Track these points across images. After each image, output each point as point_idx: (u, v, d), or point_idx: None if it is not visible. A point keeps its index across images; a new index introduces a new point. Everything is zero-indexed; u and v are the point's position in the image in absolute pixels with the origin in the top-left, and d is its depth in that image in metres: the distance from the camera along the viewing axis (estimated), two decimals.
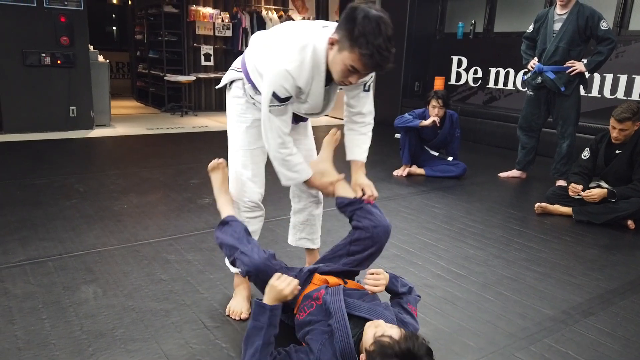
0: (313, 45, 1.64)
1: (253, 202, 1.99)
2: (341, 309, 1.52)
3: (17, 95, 5.70)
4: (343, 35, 1.55)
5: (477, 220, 3.34)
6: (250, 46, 1.89)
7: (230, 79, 1.94)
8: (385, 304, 1.65)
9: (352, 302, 1.58)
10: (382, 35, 1.50)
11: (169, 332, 1.87)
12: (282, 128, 1.75)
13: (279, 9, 9.08)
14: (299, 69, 1.62)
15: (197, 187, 3.88)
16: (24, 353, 1.70)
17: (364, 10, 1.51)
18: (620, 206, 3.23)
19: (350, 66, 1.58)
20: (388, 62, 1.55)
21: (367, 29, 1.49)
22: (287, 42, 1.68)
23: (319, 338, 1.51)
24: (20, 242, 2.64)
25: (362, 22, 1.50)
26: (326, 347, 1.47)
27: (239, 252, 1.76)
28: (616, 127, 3.27)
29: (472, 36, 6.84)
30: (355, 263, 1.83)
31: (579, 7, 3.91)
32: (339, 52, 1.58)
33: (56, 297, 2.09)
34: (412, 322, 1.66)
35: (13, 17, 5.48)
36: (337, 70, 1.63)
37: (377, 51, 1.51)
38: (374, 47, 1.50)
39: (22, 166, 4.33)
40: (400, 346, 1.28)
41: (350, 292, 1.67)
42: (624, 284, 2.46)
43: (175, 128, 6.83)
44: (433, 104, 4.28)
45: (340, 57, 1.58)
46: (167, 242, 2.74)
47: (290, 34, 1.72)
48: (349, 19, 1.53)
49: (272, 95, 1.65)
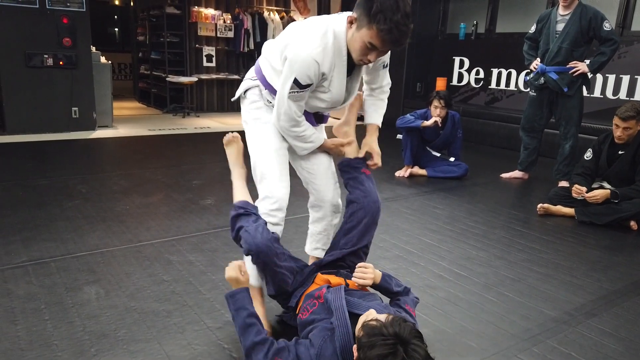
0: (333, 30, 1.67)
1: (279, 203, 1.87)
2: (342, 307, 1.53)
3: (20, 96, 5.72)
4: (361, 13, 1.58)
5: (479, 221, 3.33)
6: (263, 53, 1.90)
7: (244, 88, 1.95)
8: (385, 304, 1.65)
9: (352, 301, 1.58)
10: (401, 11, 1.53)
11: (171, 333, 1.87)
12: (297, 111, 1.78)
13: (280, 10, 9.09)
14: (322, 54, 1.65)
15: (199, 188, 3.88)
16: (26, 354, 1.71)
17: None
18: (623, 207, 3.23)
19: (368, 43, 1.60)
20: (406, 37, 1.58)
21: (385, 5, 1.52)
22: (307, 31, 1.70)
23: (322, 334, 1.51)
24: (23, 243, 2.65)
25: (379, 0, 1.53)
26: (327, 344, 1.47)
27: (243, 230, 1.76)
28: (620, 125, 3.26)
29: (474, 37, 6.84)
30: (353, 241, 1.87)
31: (582, 7, 3.90)
32: (358, 30, 1.61)
33: (59, 297, 2.10)
34: (410, 321, 1.63)
35: (16, 18, 5.51)
36: (356, 48, 1.65)
37: (395, 26, 1.53)
38: (392, 23, 1.52)
39: (24, 167, 4.34)
40: (387, 329, 1.28)
41: (351, 291, 1.67)
42: (626, 285, 2.46)
43: (177, 129, 6.84)
44: (435, 104, 4.28)
45: (359, 34, 1.61)
46: (170, 243, 2.75)
47: (308, 25, 1.74)
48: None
49: (293, 82, 1.67)
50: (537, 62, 4.14)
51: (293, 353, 1.51)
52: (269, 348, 1.53)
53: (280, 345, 1.55)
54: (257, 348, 1.55)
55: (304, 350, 1.50)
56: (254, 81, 1.91)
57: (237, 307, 1.62)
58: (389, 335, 1.28)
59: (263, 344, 1.54)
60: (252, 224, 1.77)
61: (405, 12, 1.54)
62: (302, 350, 1.50)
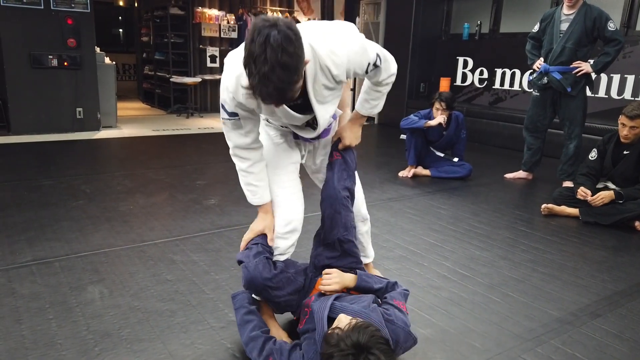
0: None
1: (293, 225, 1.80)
2: (322, 319, 1.48)
3: (25, 97, 5.75)
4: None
5: (483, 222, 3.32)
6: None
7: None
8: (374, 306, 1.57)
9: (339, 306, 1.53)
10: (268, 62, 1.26)
11: (174, 333, 1.87)
12: (237, 141, 1.65)
13: (284, 11, 9.10)
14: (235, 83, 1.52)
15: (203, 188, 3.89)
16: (30, 352, 1.72)
17: (260, 31, 1.28)
18: (628, 207, 3.21)
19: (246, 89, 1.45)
20: (279, 95, 1.34)
21: (252, 56, 1.29)
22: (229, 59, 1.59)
23: (312, 347, 1.50)
24: (28, 243, 2.66)
25: (249, 47, 1.30)
26: (317, 356, 1.46)
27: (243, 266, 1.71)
28: (627, 124, 3.24)
29: (477, 37, 6.83)
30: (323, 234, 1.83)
31: (586, 7, 3.89)
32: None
33: (63, 297, 2.10)
34: (401, 318, 1.54)
35: (21, 19, 5.54)
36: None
37: (258, 82, 1.30)
38: (256, 77, 1.30)
39: (29, 167, 4.36)
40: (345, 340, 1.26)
41: (343, 296, 1.64)
42: (631, 286, 2.44)
43: (181, 129, 6.86)
44: (436, 106, 4.27)
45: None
46: (173, 243, 2.75)
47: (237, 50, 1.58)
48: (246, 41, 1.34)
49: (221, 107, 1.59)
50: (540, 62, 4.12)
51: (285, 357, 1.52)
52: (264, 345, 1.55)
53: (276, 346, 1.55)
54: (250, 344, 1.58)
55: (296, 357, 1.51)
56: None
57: (237, 306, 1.69)
58: (347, 346, 1.25)
59: (256, 340, 1.57)
60: (251, 260, 1.68)
61: (277, 63, 1.27)
62: (294, 356, 1.52)
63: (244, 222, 3.10)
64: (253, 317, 1.65)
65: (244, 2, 8.75)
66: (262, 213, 1.81)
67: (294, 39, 1.30)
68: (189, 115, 8.14)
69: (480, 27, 6.78)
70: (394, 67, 1.80)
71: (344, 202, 1.80)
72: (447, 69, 7.08)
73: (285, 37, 1.28)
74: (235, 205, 3.46)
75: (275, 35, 1.27)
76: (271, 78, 1.28)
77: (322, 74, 1.53)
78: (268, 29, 1.28)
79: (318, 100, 1.58)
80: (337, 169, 1.84)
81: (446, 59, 7.16)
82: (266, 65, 1.27)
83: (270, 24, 1.29)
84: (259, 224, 1.79)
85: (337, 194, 1.79)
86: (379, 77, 1.76)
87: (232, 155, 1.74)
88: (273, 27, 1.28)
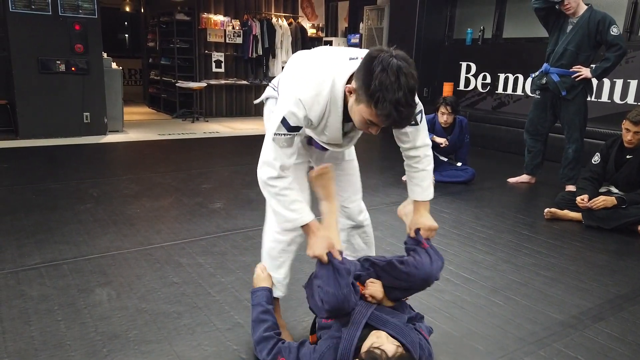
0: (332, 79, 1.51)
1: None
2: (359, 323, 1.49)
3: (33, 101, 5.82)
4: (360, 87, 1.40)
5: (486, 225, 3.34)
6: (286, 66, 1.77)
7: (266, 96, 1.87)
8: (409, 325, 1.58)
9: (379, 317, 1.54)
10: (402, 88, 1.34)
11: (181, 334, 1.90)
12: (285, 161, 1.57)
13: (289, 16, 9.16)
14: (312, 100, 1.51)
15: (209, 191, 3.93)
16: (40, 354, 1.75)
17: (383, 61, 1.35)
18: (630, 211, 3.22)
19: (368, 120, 1.45)
20: (409, 119, 1.43)
21: (384, 83, 1.34)
22: (307, 72, 1.57)
23: (328, 342, 1.53)
24: (36, 245, 2.70)
25: (379, 76, 1.35)
26: (330, 351, 1.48)
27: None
28: (631, 129, 3.25)
29: (480, 42, 6.85)
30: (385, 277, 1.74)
31: (591, 11, 3.90)
32: (357, 103, 1.44)
33: (71, 299, 2.14)
34: (428, 348, 1.57)
35: (29, 25, 5.61)
36: (355, 119, 1.50)
37: (394, 109, 1.35)
38: (392, 105, 1.35)
39: (37, 171, 4.42)
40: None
41: (382, 307, 1.63)
42: (634, 290, 2.45)
43: (186, 134, 6.91)
44: (442, 110, 4.30)
45: (358, 109, 1.45)
46: (179, 246, 2.78)
47: (314, 64, 1.59)
48: (367, 71, 1.38)
49: (281, 121, 1.52)
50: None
51: (294, 354, 1.54)
52: (274, 346, 1.57)
53: (285, 344, 1.58)
54: (262, 343, 1.60)
55: (306, 353, 1.53)
56: (274, 91, 1.81)
57: (255, 302, 1.70)
58: None
59: (268, 341, 1.59)
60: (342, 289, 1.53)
61: (408, 88, 1.35)
62: (304, 352, 1.53)
63: (249, 225, 3.13)
64: (269, 318, 1.67)
65: (249, 7, 8.82)
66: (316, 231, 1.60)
67: (413, 64, 1.41)
68: (194, 119, 8.19)
69: (483, 32, 6.80)
70: (429, 139, 1.78)
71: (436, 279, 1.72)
72: (450, 73, 7.10)
73: (409, 63, 1.38)
74: (241, 208, 3.49)
75: (401, 63, 1.36)
76: (407, 103, 1.37)
77: None
78: (390, 57, 1.36)
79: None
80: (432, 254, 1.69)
81: (449, 63, 7.18)
82: (400, 92, 1.34)
83: (388, 53, 1.38)
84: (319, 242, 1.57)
85: (429, 283, 1.68)
86: (417, 139, 1.70)
87: (270, 180, 1.57)
88: (392, 56, 1.37)
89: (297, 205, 1.59)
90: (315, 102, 1.51)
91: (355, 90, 1.44)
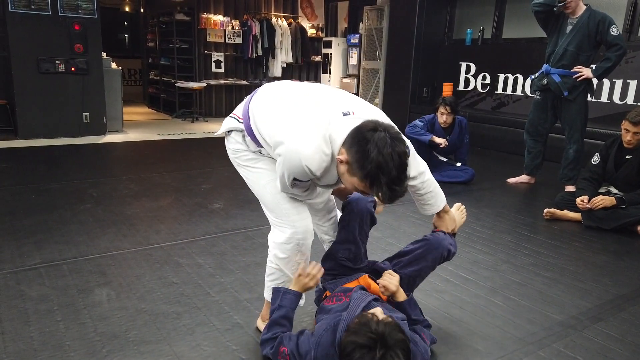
0: (329, 137, 1.51)
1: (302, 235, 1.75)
2: (358, 307, 1.55)
3: (32, 101, 5.82)
4: (354, 162, 1.44)
5: (486, 226, 3.34)
6: (258, 99, 1.70)
7: (229, 128, 1.79)
8: (405, 323, 1.63)
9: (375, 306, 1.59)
10: (396, 166, 1.40)
11: (180, 335, 1.90)
12: (298, 194, 1.70)
13: (288, 17, 9.16)
14: (318, 162, 1.50)
15: (208, 191, 3.93)
16: (39, 354, 1.74)
17: (378, 143, 1.39)
18: (630, 212, 3.22)
19: (362, 188, 1.50)
20: (400, 196, 1.47)
21: (378, 162, 1.39)
22: (306, 132, 1.51)
23: (325, 324, 1.55)
24: (36, 246, 2.70)
25: (375, 160, 1.39)
26: (328, 333, 1.51)
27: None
28: (630, 130, 3.25)
29: (480, 42, 6.85)
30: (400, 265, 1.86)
31: (590, 12, 3.90)
32: (350, 175, 1.48)
33: (70, 299, 2.14)
34: (423, 345, 1.62)
35: (28, 25, 5.61)
36: (346, 184, 1.55)
37: (389, 189, 1.42)
38: (386, 186, 1.41)
39: (37, 171, 4.42)
40: (378, 325, 1.30)
41: (381, 302, 1.69)
42: (633, 290, 2.45)
43: (186, 134, 6.91)
44: (441, 110, 4.31)
45: (351, 180, 1.48)
46: (179, 246, 2.78)
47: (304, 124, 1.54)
48: (361, 150, 1.41)
49: (292, 179, 1.58)
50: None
51: (294, 341, 1.57)
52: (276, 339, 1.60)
53: (285, 334, 1.61)
54: (270, 343, 1.63)
55: (304, 339, 1.55)
56: (239, 123, 1.74)
57: (283, 304, 1.68)
58: (376, 332, 1.30)
59: (274, 340, 1.60)
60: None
61: (401, 168, 1.41)
62: (302, 339, 1.56)
63: (248, 226, 3.13)
64: (286, 324, 1.66)
65: (249, 7, 8.82)
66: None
67: (403, 140, 1.47)
68: (194, 119, 8.19)
69: (483, 32, 6.80)
70: (424, 167, 1.78)
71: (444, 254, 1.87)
72: (450, 74, 7.11)
73: (398, 138, 1.44)
74: (240, 209, 3.49)
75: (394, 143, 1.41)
76: (400, 181, 1.43)
77: None
78: (384, 138, 1.40)
79: None
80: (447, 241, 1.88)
81: (449, 64, 7.18)
82: (394, 171, 1.40)
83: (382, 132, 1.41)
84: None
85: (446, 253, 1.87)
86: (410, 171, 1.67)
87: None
88: (387, 137, 1.41)
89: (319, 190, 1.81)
90: (321, 162, 1.52)
91: (348, 162, 1.46)
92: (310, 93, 1.66)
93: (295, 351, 1.53)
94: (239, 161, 1.83)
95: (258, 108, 1.68)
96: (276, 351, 1.58)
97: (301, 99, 1.63)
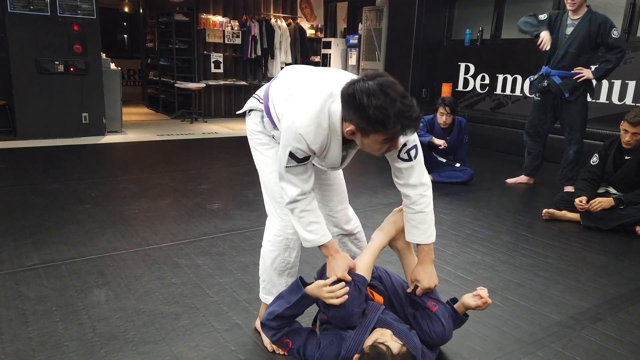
0: (328, 109, 1.50)
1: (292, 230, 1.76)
2: (368, 328, 1.55)
3: (31, 102, 5.81)
4: (360, 122, 1.41)
5: (485, 226, 3.34)
6: (278, 80, 1.74)
7: (250, 107, 1.82)
8: (414, 332, 1.62)
9: (384, 320, 1.60)
10: (396, 99, 1.37)
11: (179, 335, 1.90)
12: (303, 186, 1.60)
13: (287, 17, 9.16)
14: (313, 133, 1.50)
15: (207, 192, 3.92)
16: (38, 355, 1.74)
17: (362, 88, 1.38)
18: (629, 212, 3.22)
19: (383, 140, 1.45)
20: (416, 119, 1.41)
21: (380, 106, 1.36)
22: (305, 102, 1.53)
23: (330, 337, 1.56)
24: (35, 246, 2.70)
25: (371, 103, 1.36)
26: (333, 346, 1.52)
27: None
28: (629, 130, 3.26)
29: (479, 43, 6.86)
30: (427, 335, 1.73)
31: (591, 14, 3.91)
32: (366, 137, 1.45)
33: (69, 300, 2.14)
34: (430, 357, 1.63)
35: (28, 25, 5.61)
36: (374, 150, 1.50)
37: (402, 118, 1.37)
38: (397, 118, 1.37)
39: (35, 172, 4.41)
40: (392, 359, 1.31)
41: (387, 312, 1.68)
42: (632, 290, 2.46)
43: (185, 134, 6.90)
44: (441, 111, 4.31)
45: (369, 140, 1.46)
46: (178, 247, 2.78)
47: (305, 95, 1.55)
48: (356, 107, 1.39)
49: (289, 155, 1.54)
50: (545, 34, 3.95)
51: (302, 340, 1.58)
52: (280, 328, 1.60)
53: (295, 327, 1.60)
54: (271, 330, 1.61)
55: (312, 344, 1.57)
56: (260, 103, 1.78)
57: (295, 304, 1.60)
58: None
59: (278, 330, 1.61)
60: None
61: (399, 95, 1.38)
62: (310, 342, 1.58)
63: (247, 226, 3.13)
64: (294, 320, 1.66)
65: (248, 8, 8.82)
66: (334, 253, 1.65)
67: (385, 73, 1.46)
68: (193, 120, 8.19)
69: (482, 33, 6.81)
70: (428, 181, 1.72)
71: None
72: (449, 74, 7.11)
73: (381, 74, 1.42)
74: (239, 209, 3.49)
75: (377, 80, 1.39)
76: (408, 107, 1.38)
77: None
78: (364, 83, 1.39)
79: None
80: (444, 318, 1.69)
81: (448, 64, 7.19)
82: (396, 102, 1.37)
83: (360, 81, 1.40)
84: (339, 263, 1.61)
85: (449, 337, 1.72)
86: (412, 177, 1.65)
87: (289, 205, 1.63)
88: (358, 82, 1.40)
89: (314, 227, 1.62)
90: (317, 134, 1.51)
91: (356, 129, 1.45)
92: (326, 73, 1.67)
93: (301, 349, 1.57)
94: (253, 143, 1.86)
95: (276, 87, 1.72)
96: (279, 339, 1.60)
97: (315, 77, 1.65)
